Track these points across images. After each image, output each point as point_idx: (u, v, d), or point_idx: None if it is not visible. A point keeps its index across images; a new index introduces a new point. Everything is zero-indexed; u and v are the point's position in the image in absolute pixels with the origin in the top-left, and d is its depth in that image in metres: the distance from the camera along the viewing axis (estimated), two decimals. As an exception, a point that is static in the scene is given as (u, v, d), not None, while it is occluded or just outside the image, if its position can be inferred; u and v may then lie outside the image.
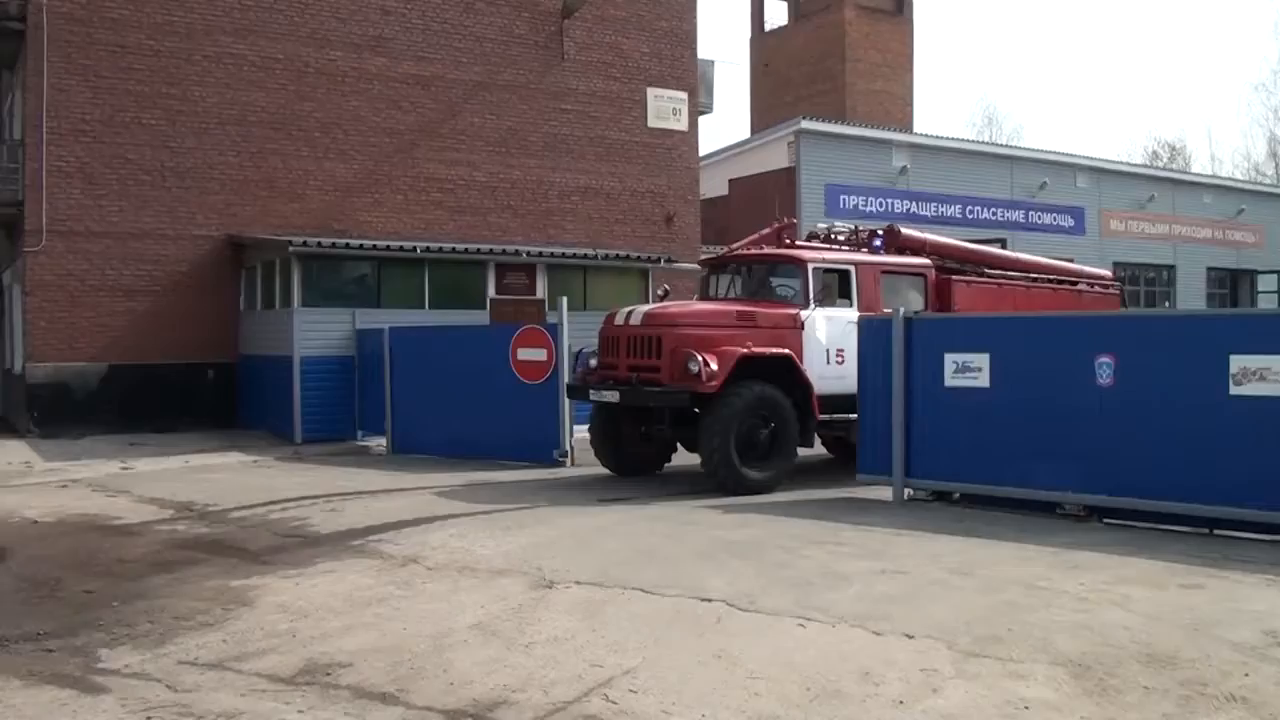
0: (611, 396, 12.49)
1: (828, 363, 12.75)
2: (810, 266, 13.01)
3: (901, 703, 5.16)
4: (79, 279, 19.90)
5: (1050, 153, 36.53)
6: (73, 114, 19.81)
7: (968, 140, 39.33)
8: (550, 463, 14.56)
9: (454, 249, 20.30)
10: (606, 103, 24.89)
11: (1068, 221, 35.10)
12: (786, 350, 12.37)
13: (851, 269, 13.32)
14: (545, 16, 24.09)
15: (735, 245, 15.29)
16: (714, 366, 11.75)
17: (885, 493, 11.24)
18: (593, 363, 13.28)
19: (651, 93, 25.38)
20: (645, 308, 13.03)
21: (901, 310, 11.39)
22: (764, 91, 43.53)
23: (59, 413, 19.42)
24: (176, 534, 10.17)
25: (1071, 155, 36.84)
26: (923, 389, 11.03)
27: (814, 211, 28.42)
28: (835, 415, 12.74)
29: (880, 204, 30.85)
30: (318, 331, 18.30)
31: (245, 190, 21.04)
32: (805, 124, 30.60)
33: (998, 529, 9.32)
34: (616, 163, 24.90)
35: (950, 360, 10.82)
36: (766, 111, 41.51)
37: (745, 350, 12.01)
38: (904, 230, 14.96)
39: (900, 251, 14.54)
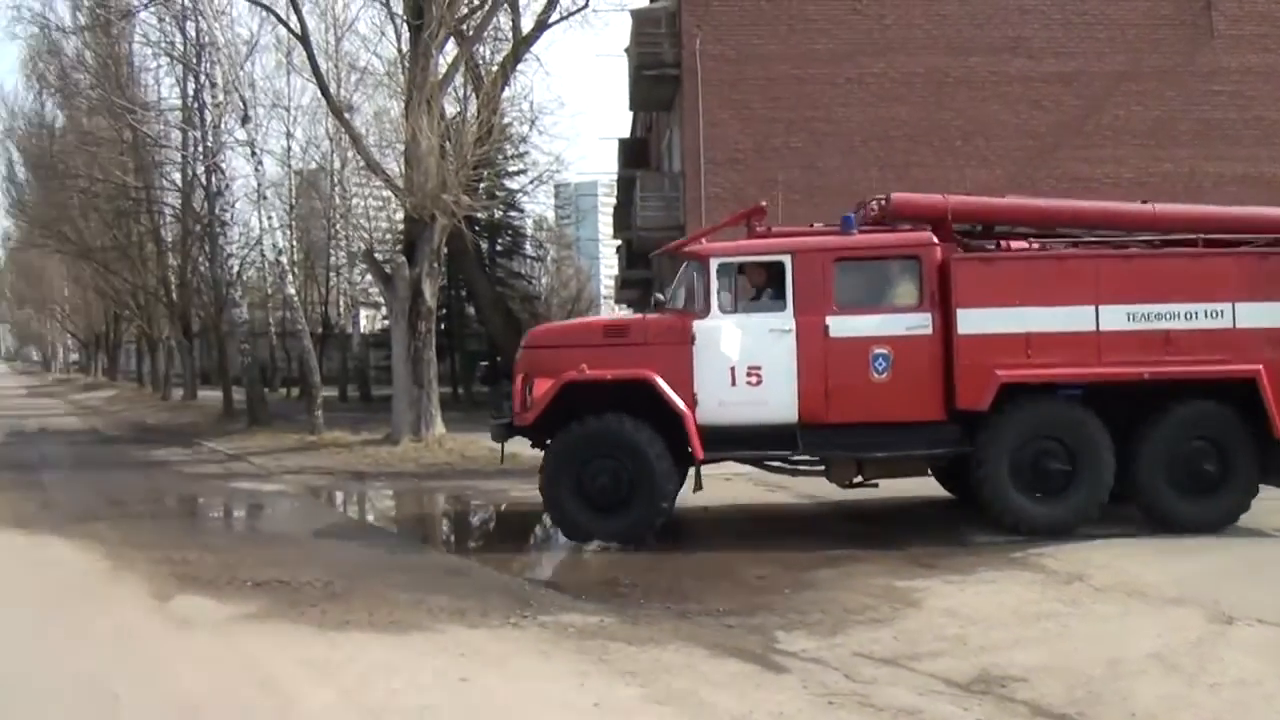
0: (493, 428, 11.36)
1: (733, 384, 10.11)
2: (713, 262, 10.37)
3: None
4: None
5: None
6: (726, 144, 22.04)
7: None
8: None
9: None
10: (1264, 78, 22.53)
11: None
12: (643, 373, 10.01)
13: (785, 260, 10.33)
14: (1191, -8, 22.31)
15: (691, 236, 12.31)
16: (536, 396, 10.13)
17: None
18: None
19: (1322, 59, 22.45)
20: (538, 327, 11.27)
21: None
22: None
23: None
24: (840, 530, 10.89)
25: None
26: None
27: None
28: (743, 454, 10.43)
29: None
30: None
31: (889, 203, 21.88)
32: None
33: None
34: None
35: None
36: None
37: (571, 375, 10.02)
38: (903, 196, 11.07)
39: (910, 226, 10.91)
